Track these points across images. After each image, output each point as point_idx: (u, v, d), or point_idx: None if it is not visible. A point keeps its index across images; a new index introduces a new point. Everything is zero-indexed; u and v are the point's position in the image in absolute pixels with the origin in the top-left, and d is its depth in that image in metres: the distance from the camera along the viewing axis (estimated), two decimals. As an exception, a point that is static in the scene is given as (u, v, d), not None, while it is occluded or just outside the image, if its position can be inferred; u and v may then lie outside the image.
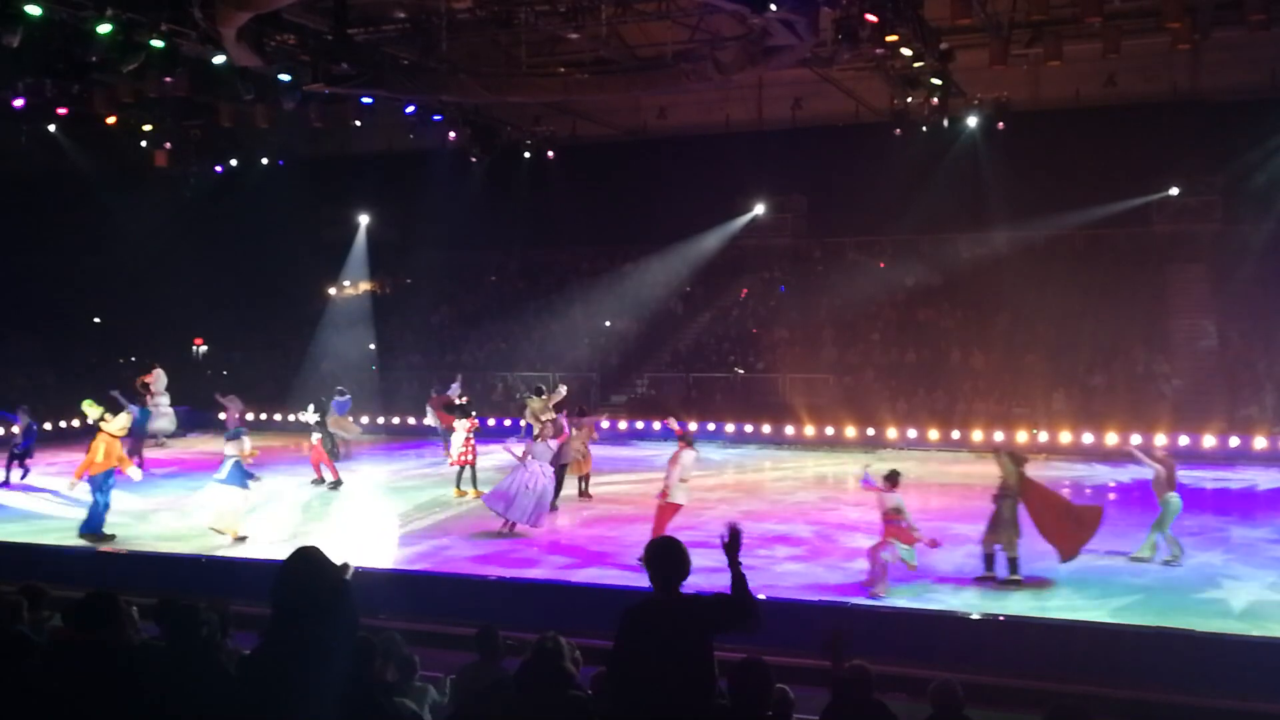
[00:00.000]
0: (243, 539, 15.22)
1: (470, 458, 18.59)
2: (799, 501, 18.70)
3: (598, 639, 6.75)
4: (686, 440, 14.18)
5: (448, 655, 8.43)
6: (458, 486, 18.83)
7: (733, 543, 5.47)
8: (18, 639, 4.87)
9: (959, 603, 12.09)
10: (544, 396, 19.81)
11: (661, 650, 5.13)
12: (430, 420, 23.85)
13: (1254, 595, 12.18)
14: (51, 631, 6.27)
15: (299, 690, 5.30)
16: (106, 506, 15.58)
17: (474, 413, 19.83)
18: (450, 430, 19.65)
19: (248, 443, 15.77)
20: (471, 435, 18.74)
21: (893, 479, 12.47)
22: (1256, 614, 11.58)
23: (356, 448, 23.58)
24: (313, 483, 20.08)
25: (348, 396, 22.41)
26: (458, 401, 21.08)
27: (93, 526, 15.41)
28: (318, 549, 4.75)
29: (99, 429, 15.64)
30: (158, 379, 24.82)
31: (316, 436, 20.30)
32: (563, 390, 20.07)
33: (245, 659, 5.29)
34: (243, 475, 15.34)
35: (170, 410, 24.94)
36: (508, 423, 25.45)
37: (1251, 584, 12.75)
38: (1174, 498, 13.55)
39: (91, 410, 16.84)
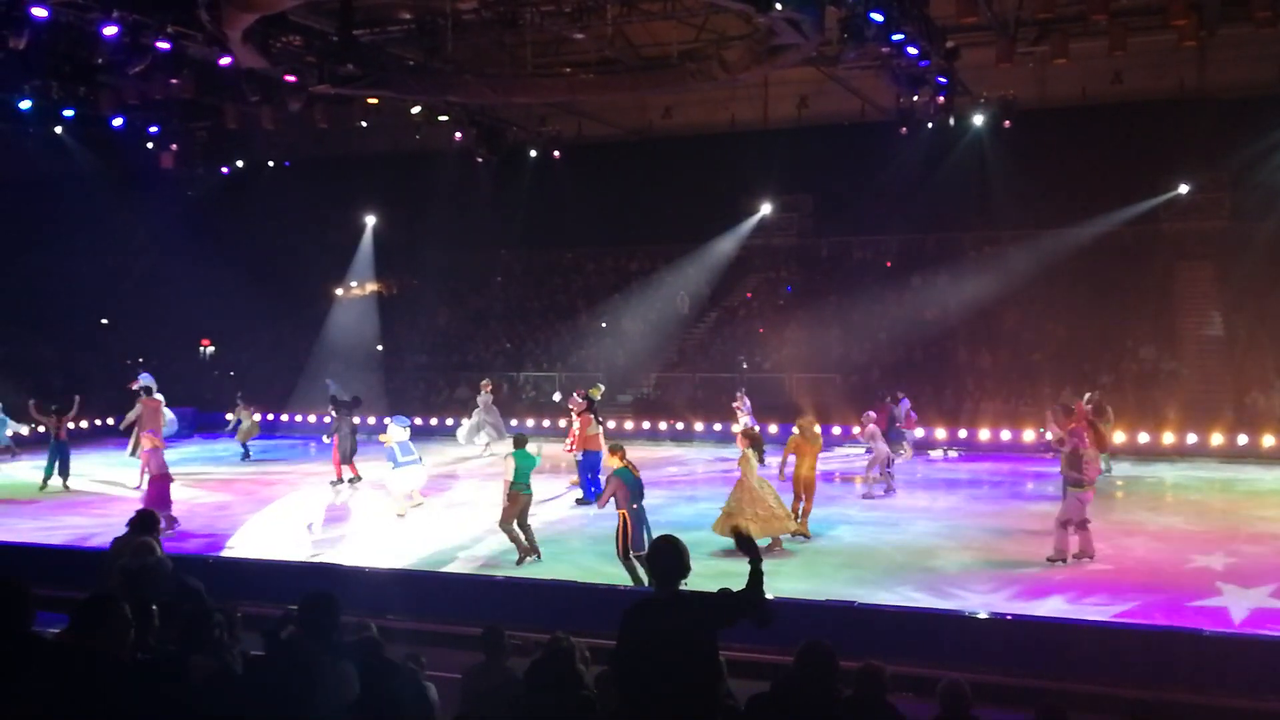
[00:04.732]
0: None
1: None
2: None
3: (603, 638, 6.74)
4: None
5: (454, 655, 8.43)
6: None
7: (749, 543, 5.62)
8: (27, 640, 4.85)
9: (965, 603, 12.07)
10: None
11: (663, 648, 5.13)
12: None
13: (1254, 602, 12.07)
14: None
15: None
16: None
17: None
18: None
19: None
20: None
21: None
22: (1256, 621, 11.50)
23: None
24: (332, 483, 20.24)
25: None
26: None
27: None
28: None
29: None
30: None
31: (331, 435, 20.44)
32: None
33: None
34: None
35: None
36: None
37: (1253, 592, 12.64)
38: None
39: None
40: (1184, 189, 29.25)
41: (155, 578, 8.75)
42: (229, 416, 26.10)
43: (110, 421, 25.65)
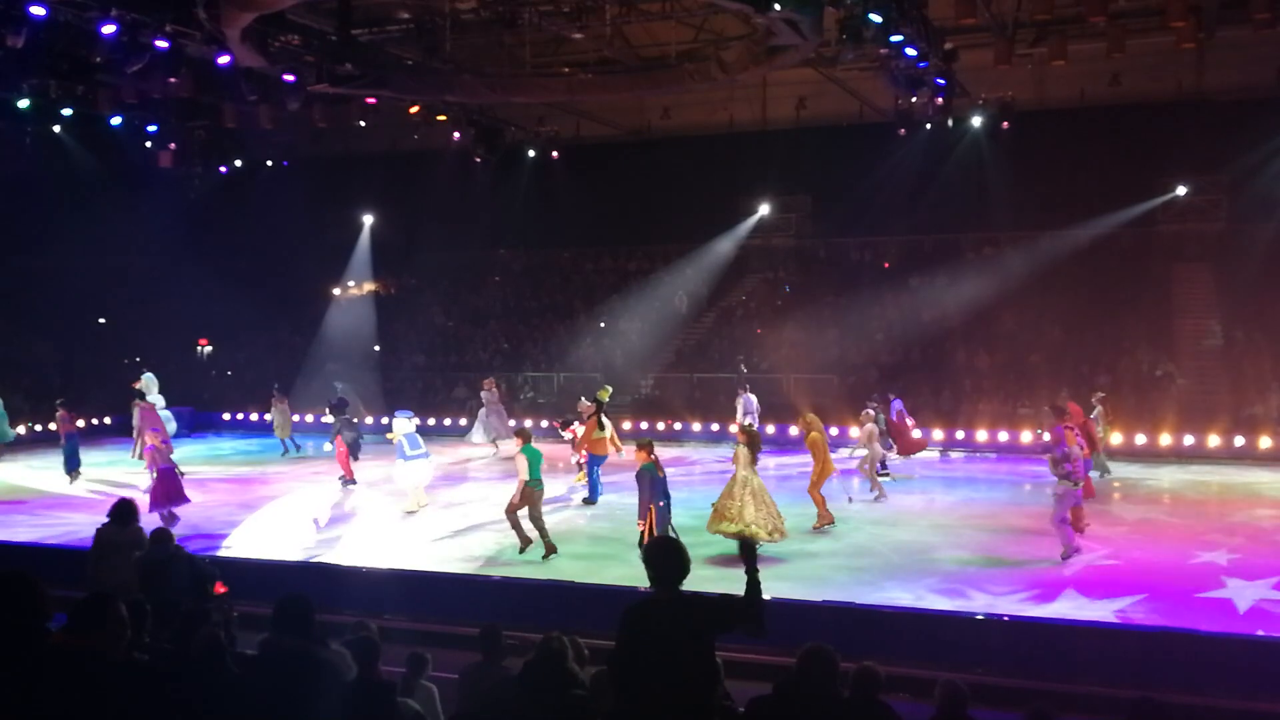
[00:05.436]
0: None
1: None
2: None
3: (601, 638, 6.74)
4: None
5: (451, 654, 8.42)
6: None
7: (750, 551, 5.66)
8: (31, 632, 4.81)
9: (974, 602, 12.07)
10: None
11: (661, 649, 5.14)
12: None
13: (1257, 594, 12.15)
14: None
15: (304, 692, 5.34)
16: None
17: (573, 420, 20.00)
18: None
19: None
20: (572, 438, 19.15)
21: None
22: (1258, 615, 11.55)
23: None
24: (340, 479, 20.29)
25: None
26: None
27: None
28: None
29: None
30: None
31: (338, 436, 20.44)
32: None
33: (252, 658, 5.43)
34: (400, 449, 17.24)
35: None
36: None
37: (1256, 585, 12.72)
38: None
39: None
40: (1182, 191, 29.23)
41: (176, 567, 8.76)
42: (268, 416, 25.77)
43: (109, 421, 25.54)
